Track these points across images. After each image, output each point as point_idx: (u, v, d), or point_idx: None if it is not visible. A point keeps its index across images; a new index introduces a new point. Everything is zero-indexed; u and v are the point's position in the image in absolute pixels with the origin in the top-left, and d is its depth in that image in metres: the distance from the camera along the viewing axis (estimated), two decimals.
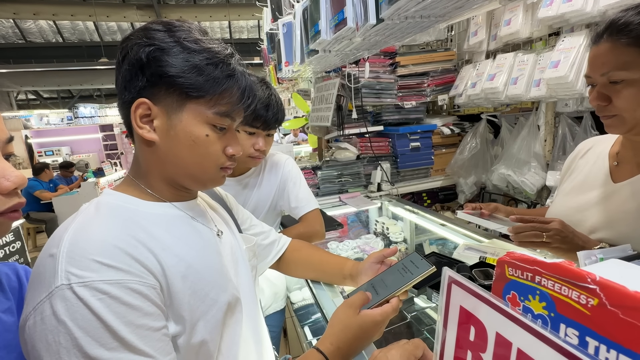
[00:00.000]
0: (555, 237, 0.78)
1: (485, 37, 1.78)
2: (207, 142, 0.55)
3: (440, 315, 0.36)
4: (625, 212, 0.79)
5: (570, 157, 1.04)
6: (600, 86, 0.74)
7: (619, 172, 0.84)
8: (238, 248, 0.71)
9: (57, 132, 8.37)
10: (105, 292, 0.43)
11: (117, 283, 0.44)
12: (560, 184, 1.05)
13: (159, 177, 0.58)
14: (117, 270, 0.45)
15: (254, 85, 0.59)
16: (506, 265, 0.27)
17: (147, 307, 0.46)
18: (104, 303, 0.42)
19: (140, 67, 0.51)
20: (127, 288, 0.45)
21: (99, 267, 0.44)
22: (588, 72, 0.77)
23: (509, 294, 0.27)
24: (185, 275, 0.52)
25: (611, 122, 0.75)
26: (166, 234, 0.54)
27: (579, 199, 0.91)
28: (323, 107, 1.88)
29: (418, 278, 0.66)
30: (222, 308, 0.57)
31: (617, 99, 0.71)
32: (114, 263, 0.45)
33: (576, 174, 0.97)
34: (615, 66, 0.70)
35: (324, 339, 0.63)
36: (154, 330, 0.46)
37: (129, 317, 0.44)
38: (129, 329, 0.43)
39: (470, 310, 0.30)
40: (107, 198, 0.56)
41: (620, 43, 0.69)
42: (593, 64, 0.74)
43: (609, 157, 0.88)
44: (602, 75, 0.72)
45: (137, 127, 0.53)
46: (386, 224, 1.79)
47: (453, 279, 0.33)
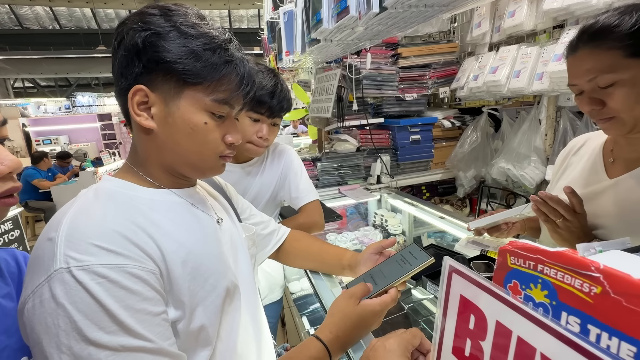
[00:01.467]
0: (566, 227, 0.78)
1: (489, 29, 1.76)
2: (206, 129, 0.55)
3: (440, 304, 0.36)
4: (621, 207, 0.79)
5: (562, 154, 1.04)
6: (589, 92, 0.72)
7: (614, 168, 0.84)
8: (238, 236, 0.71)
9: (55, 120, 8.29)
10: (104, 275, 0.43)
11: (117, 267, 0.44)
12: (554, 180, 1.06)
13: (157, 165, 0.58)
14: (116, 254, 0.45)
15: (253, 72, 0.58)
16: (508, 254, 0.27)
17: (146, 291, 0.46)
18: (103, 287, 0.42)
19: (137, 53, 0.50)
20: (127, 272, 0.45)
21: (98, 251, 0.44)
22: (572, 81, 0.75)
23: (510, 283, 0.27)
24: (185, 261, 0.53)
25: (610, 125, 0.74)
26: (166, 220, 0.54)
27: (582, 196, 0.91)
28: (323, 98, 1.86)
29: (416, 269, 0.66)
30: (221, 294, 0.57)
31: (611, 101, 0.70)
32: (113, 247, 0.45)
33: (570, 171, 0.97)
34: (600, 71, 0.68)
35: (323, 327, 0.63)
36: (153, 315, 0.46)
37: (128, 301, 0.44)
38: (128, 313, 0.44)
39: (470, 299, 0.30)
40: (106, 184, 0.55)
41: (599, 49, 0.67)
42: (576, 72, 0.72)
43: (604, 154, 0.88)
44: (590, 81, 0.70)
45: (134, 114, 0.52)
46: (385, 217, 1.80)
47: (454, 268, 0.33)
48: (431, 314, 1.06)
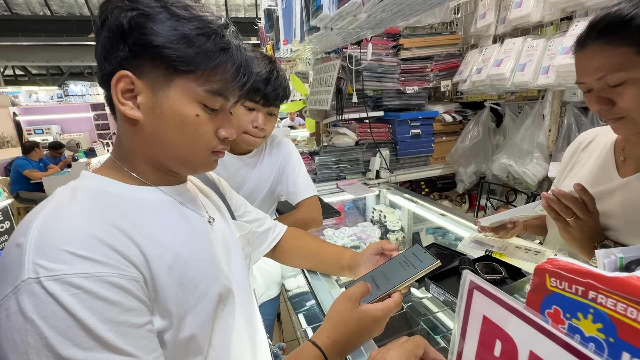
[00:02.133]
0: (579, 226, 0.75)
1: (494, 20, 1.70)
2: (197, 122, 0.50)
3: (458, 322, 0.32)
4: (633, 207, 0.76)
5: (570, 150, 1.00)
6: (598, 90, 0.69)
7: (626, 167, 0.81)
8: (231, 236, 0.67)
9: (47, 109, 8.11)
10: (79, 286, 0.38)
11: (93, 276, 0.40)
12: (560, 177, 1.02)
13: (143, 159, 0.53)
14: (92, 262, 0.40)
15: (250, 62, 0.53)
16: (548, 274, 0.23)
17: (128, 301, 0.42)
18: (77, 298, 0.38)
19: (122, 35, 0.45)
20: (105, 282, 0.40)
21: (71, 259, 0.39)
22: (580, 79, 0.71)
23: (549, 309, 0.23)
24: (171, 266, 0.48)
25: (620, 125, 0.71)
26: (151, 221, 0.50)
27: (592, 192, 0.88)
28: (322, 90, 1.80)
29: (421, 272, 0.62)
30: (213, 300, 0.53)
31: (621, 100, 0.66)
32: (89, 254, 0.40)
33: (579, 168, 0.94)
34: (610, 69, 0.64)
35: (321, 331, 0.59)
36: (136, 326, 0.42)
37: (107, 314, 0.40)
38: (107, 327, 0.39)
39: (496, 322, 0.26)
40: (85, 181, 0.50)
41: (610, 45, 0.64)
42: (584, 69, 0.69)
43: (615, 151, 0.85)
44: (599, 80, 0.66)
45: (118, 103, 0.48)
46: (384, 212, 1.76)
47: (475, 285, 0.29)
48: (431, 313, 1.03)
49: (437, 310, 1.02)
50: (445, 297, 0.73)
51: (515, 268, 0.81)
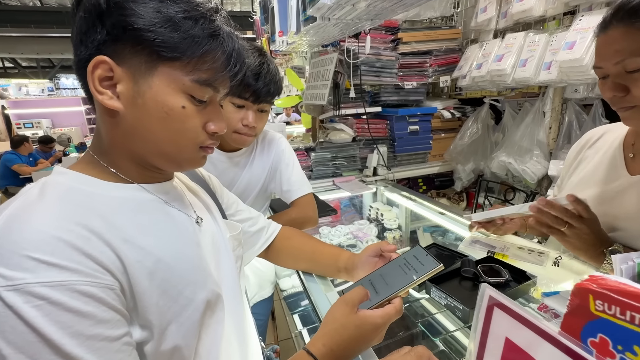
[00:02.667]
0: (575, 234, 0.72)
1: (495, 14, 1.66)
2: (184, 115, 0.46)
3: (474, 342, 0.28)
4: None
5: (576, 147, 0.97)
6: (614, 76, 0.67)
7: (636, 164, 0.78)
8: (221, 237, 0.63)
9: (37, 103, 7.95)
10: (43, 297, 0.34)
11: (60, 285, 0.35)
12: (566, 175, 0.99)
13: (124, 154, 0.48)
14: (60, 269, 0.36)
15: (242, 51, 0.49)
16: (592, 295, 0.19)
17: (101, 312, 0.37)
18: (41, 311, 0.34)
19: (99, 16, 0.41)
20: (74, 291, 0.36)
21: (35, 266, 0.35)
22: (598, 63, 0.69)
23: (593, 337, 0.19)
24: (152, 272, 0.44)
25: (630, 115, 0.69)
26: (130, 222, 0.45)
27: (592, 192, 0.85)
28: (319, 84, 1.75)
29: (424, 277, 0.58)
30: (200, 307, 0.49)
31: (636, 88, 0.65)
32: (56, 260, 0.36)
33: (585, 165, 0.91)
34: (631, 53, 0.63)
35: (316, 339, 0.55)
36: (111, 340, 0.38)
37: (76, 327, 0.35)
38: (77, 342, 0.35)
39: (522, 346, 0.22)
40: (58, 178, 0.46)
41: (633, 28, 0.62)
42: (604, 53, 0.67)
43: (624, 148, 0.81)
44: (617, 64, 0.65)
45: (95, 92, 0.43)
46: (381, 210, 1.73)
47: (496, 301, 0.25)
48: (430, 314, 1.00)
49: (436, 311, 0.99)
50: (447, 302, 0.69)
51: (519, 270, 0.78)
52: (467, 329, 0.91)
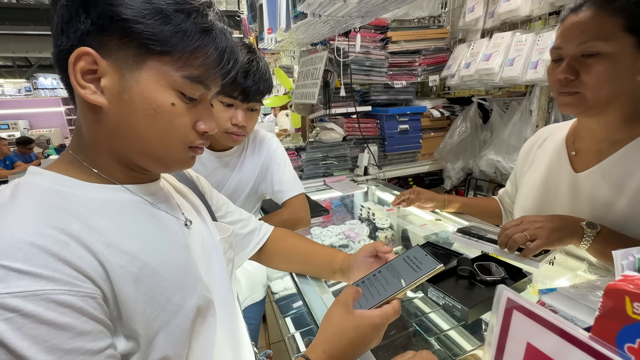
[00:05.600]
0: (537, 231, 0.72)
1: (483, 14, 1.68)
2: (173, 112, 0.43)
3: (490, 350, 0.26)
4: (594, 200, 0.76)
5: (526, 147, 1.01)
6: (570, 59, 0.69)
7: (579, 162, 0.82)
8: (211, 240, 0.60)
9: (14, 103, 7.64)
10: (14, 308, 0.31)
11: (34, 295, 0.32)
12: (519, 175, 1.02)
13: (107, 153, 0.45)
14: (33, 277, 0.33)
15: (235, 48, 0.47)
16: (628, 297, 0.18)
17: (80, 324, 0.34)
18: (12, 324, 0.31)
19: (83, 4, 0.38)
20: (50, 301, 0.33)
21: (5, 275, 0.32)
22: (559, 43, 0.71)
23: (631, 342, 0.18)
24: (138, 278, 0.41)
25: (570, 100, 0.71)
26: (113, 226, 0.42)
27: (546, 191, 0.89)
28: (308, 83, 1.73)
29: (423, 277, 0.57)
30: (190, 314, 0.46)
31: (586, 74, 0.67)
32: (29, 267, 0.33)
33: (537, 165, 0.94)
34: (594, 36, 0.65)
35: (315, 345, 0.53)
36: (92, 353, 0.35)
37: (53, 341, 0.32)
38: (54, 357, 0.32)
39: (548, 353, 0.21)
40: (32, 178, 0.42)
41: (604, 12, 0.65)
42: (569, 33, 0.69)
43: (567, 147, 0.85)
44: (579, 45, 0.67)
45: (77, 85, 0.40)
46: (372, 209, 1.72)
47: (516, 304, 0.23)
48: (424, 314, 0.99)
49: (429, 310, 0.99)
50: (445, 302, 0.68)
51: (515, 268, 0.77)
52: (461, 328, 0.91)
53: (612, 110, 0.71)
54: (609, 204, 0.74)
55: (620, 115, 0.72)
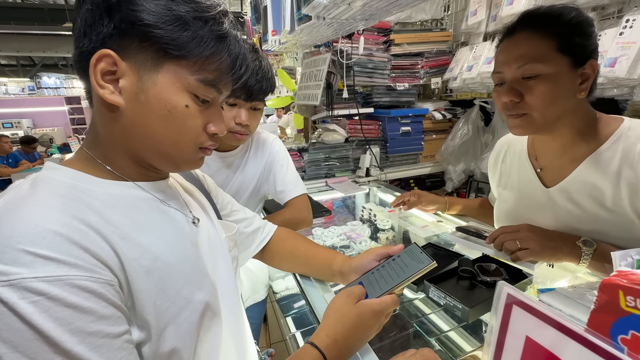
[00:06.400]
0: (530, 242, 0.73)
1: (485, 18, 1.69)
2: (186, 114, 0.45)
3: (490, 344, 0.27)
4: (573, 212, 0.77)
5: (492, 157, 1.03)
6: (512, 81, 0.70)
7: (546, 177, 0.83)
8: (217, 237, 0.62)
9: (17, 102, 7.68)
10: (40, 292, 0.32)
11: (59, 280, 0.33)
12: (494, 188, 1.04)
13: (121, 151, 0.47)
14: (58, 263, 0.34)
15: (247, 55, 0.49)
16: (622, 291, 0.19)
17: (101, 308, 0.36)
18: (39, 307, 0.32)
19: (107, 9, 0.40)
20: (74, 286, 0.34)
21: (31, 260, 0.33)
22: (499, 68, 0.73)
23: (624, 334, 0.19)
24: (150, 270, 0.43)
25: (519, 122, 0.73)
26: (127, 220, 0.44)
27: (522, 209, 0.90)
28: (312, 85, 1.75)
29: (417, 274, 0.60)
30: (198, 308, 0.48)
31: (529, 95, 0.69)
32: (53, 254, 0.34)
33: (506, 179, 0.96)
34: (531, 58, 0.67)
35: (319, 331, 0.57)
36: (112, 337, 0.36)
37: (77, 324, 0.34)
38: (78, 338, 0.33)
39: (546, 345, 0.22)
40: (49, 173, 0.44)
41: (537, 35, 0.67)
42: (507, 57, 0.71)
43: (532, 163, 0.87)
44: (518, 69, 0.69)
45: (97, 85, 0.42)
46: (373, 211, 1.73)
47: (515, 299, 0.24)
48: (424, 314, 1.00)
49: (430, 311, 0.99)
50: (446, 302, 0.69)
51: (515, 269, 0.78)
52: (461, 329, 0.91)
53: (562, 127, 0.73)
54: (590, 214, 0.75)
55: (572, 131, 0.74)
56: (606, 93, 1.18)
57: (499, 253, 0.79)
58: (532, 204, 0.86)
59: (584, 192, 0.75)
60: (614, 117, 0.75)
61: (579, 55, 0.67)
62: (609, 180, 0.71)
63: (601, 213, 0.73)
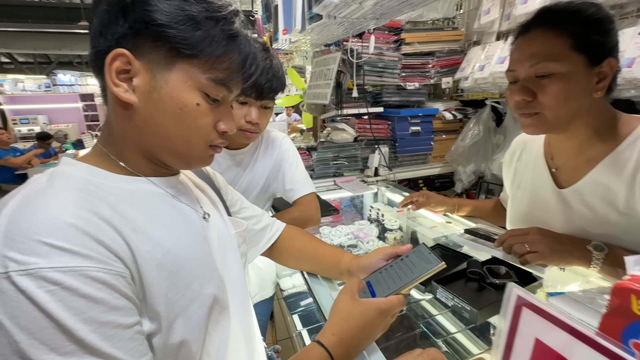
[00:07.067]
0: (539, 245, 0.72)
1: (498, 17, 1.66)
2: (197, 112, 0.46)
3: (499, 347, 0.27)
4: (586, 214, 0.76)
5: (508, 155, 1.02)
6: (525, 80, 0.69)
7: (561, 178, 0.82)
8: (226, 233, 0.63)
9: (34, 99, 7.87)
10: (56, 282, 0.34)
11: (73, 270, 0.35)
12: (509, 189, 1.02)
13: (134, 148, 0.48)
14: (72, 254, 0.35)
15: (257, 55, 0.50)
16: (634, 295, 0.19)
17: (113, 299, 0.37)
18: (54, 296, 0.33)
19: (123, 9, 0.41)
20: (87, 277, 0.35)
21: (48, 251, 0.34)
22: (512, 66, 0.72)
23: (636, 338, 0.19)
24: (161, 263, 0.44)
25: (531, 121, 0.72)
26: (139, 213, 0.45)
27: (534, 209, 0.89)
28: (321, 84, 1.75)
29: (426, 274, 0.60)
30: (207, 302, 0.49)
31: (542, 94, 0.67)
32: (68, 245, 0.35)
33: (520, 178, 0.95)
34: (545, 57, 0.66)
35: (325, 329, 0.57)
36: (123, 327, 0.38)
37: (89, 313, 0.35)
38: (90, 328, 0.35)
39: (555, 348, 0.22)
40: (66, 168, 0.45)
41: (552, 33, 0.65)
42: (521, 55, 0.70)
43: (547, 163, 0.85)
44: (531, 67, 0.67)
45: (111, 84, 0.43)
46: (381, 210, 1.72)
47: (525, 301, 0.24)
48: (431, 315, 1.00)
49: (436, 313, 0.99)
50: (454, 303, 0.69)
51: (525, 271, 0.77)
52: (468, 331, 0.91)
53: (577, 127, 0.72)
54: (602, 218, 0.73)
55: (588, 131, 0.72)
56: (623, 94, 1.16)
57: (507, 256, 0.78)
58: (544, 205, 0.85)
59: (596, 195, 0.73)
60: (635, 117, 0.73)
61: (596, 53, 0.65)
62: (624, 182, 0.69)
63: (613, 216, 0.71)
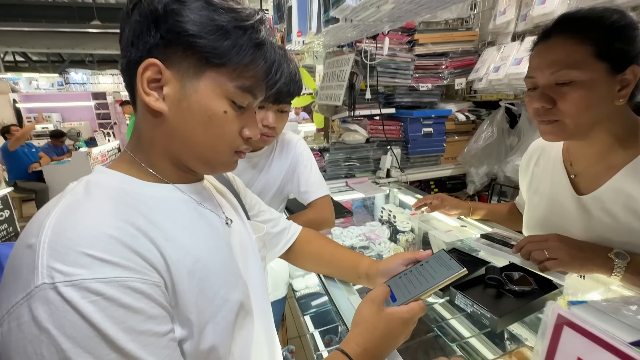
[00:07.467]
0: (559, 252, 0.71)
1: (514, 17, 1.64)
2: (224, 119, 0.47)
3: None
4: (607, 222, 0.75)
5: (525, 160, 1.00)
6: (544, 87, 0.68)
7: (581, 184, 0.80)
8: (248, 238, 0.64)
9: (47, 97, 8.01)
10: (99, 292, 0.35)
11: (114, 281, 0.36)
12: (526, 194, 1.01)
13: (162, 155, 0.49)
14: (113, 265, 0.37)
15: (282, 61, 0.51)
16: None
17: (150, 309, 0.38)
18: (97, 306, 0.35)
19: (155, 20, 0.42)
20: (127, 287, 0.37)
21: (90, 262, 0.36)
22: (532, 72, 0.71)
23: None
24: (192, 271, 0.45)
25: (551, 129, 0.70)
26: (170, 222, 0.46)
27: (552, 214, 0.88)
28: (334, 85, 1.75)
29: (447, 280, 0.59)
30: (234, 308, 0.50)
31: (562, 102, 0.66)
32: (109, 257, 0.37)
33: (537, 183, 0.93)
34: (566, 64, 0.64)
35: (349, 339, 0.57)
36: (159, 335, 0.39)
37: (129, 322, 0.36)
38: (130, 337, 0.36)
39: None
40: (100, 176, 0.47)
41: (573, 40, 0.64)
42: (540, 62, 0.69)
43: (566, 169, 0.84)
44: (552, 75, 0.66)
45: (143, 93, 0.44)
46: (393, 212, 1.72)
47: (566, 320, 0.24)
48: (444, 320, 1.00)
49: (450, 317, 0.99)
50: (473, 309, 0.69)
51: (545, 279, 0.77)
52: (482, 336, 0.91)
53: (598, 134, 0.71)
54: (624, 225, 0.72)
55: (610, 138, 0.71)
56: None
57: (526, 262, 0.77)
58: (562, 211, 0.84)
59: (618, 202, 0.72)
60: None
61: (619, 61, 0.65)
62: None
63: (636, 224, 0.70)
